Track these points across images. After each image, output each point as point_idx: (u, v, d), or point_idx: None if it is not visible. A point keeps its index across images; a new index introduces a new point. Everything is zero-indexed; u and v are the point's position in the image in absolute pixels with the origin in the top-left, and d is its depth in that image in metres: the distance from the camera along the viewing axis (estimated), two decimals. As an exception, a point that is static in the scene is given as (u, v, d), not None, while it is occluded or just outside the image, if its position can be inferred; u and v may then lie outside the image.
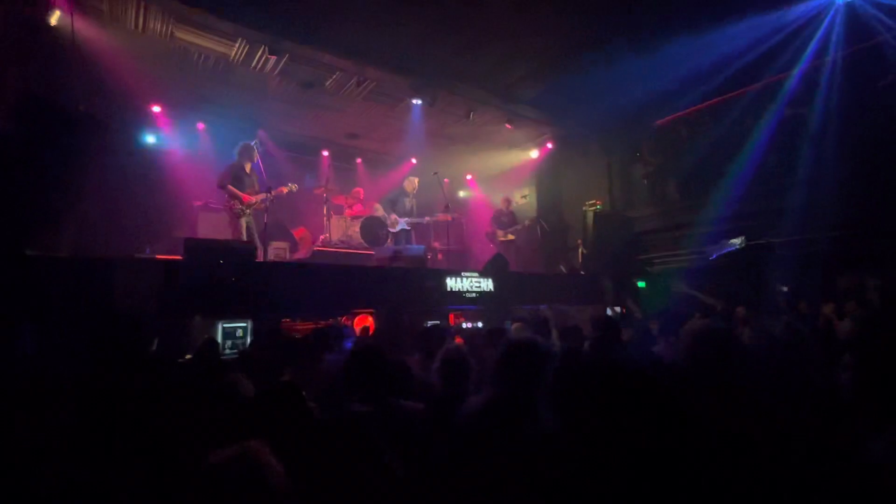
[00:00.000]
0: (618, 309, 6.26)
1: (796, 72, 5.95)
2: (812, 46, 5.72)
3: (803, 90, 5.89)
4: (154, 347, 3.07)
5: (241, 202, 5.71)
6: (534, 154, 9.14)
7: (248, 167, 5.90)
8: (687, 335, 1.85)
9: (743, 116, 6.51)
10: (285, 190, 6.14)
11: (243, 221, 5.75)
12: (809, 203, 5.52)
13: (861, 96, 5.33)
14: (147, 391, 1.95)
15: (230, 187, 5.69)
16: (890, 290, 4.06)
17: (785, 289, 5.56)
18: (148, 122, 7.11)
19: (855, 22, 5.34)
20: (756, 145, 6.27)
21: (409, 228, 7.21)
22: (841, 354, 2.41)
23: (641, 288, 6.88)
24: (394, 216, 7.17)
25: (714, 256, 6.26)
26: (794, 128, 5.92)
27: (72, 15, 4.88)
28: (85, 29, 5.15)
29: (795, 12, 5.49)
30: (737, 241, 6.03)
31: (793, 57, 5.87)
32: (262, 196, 5.78)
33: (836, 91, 5.56)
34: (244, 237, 5.69)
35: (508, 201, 8.68)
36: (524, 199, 9.61)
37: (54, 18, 4.90)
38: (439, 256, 8.06)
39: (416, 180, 7.46)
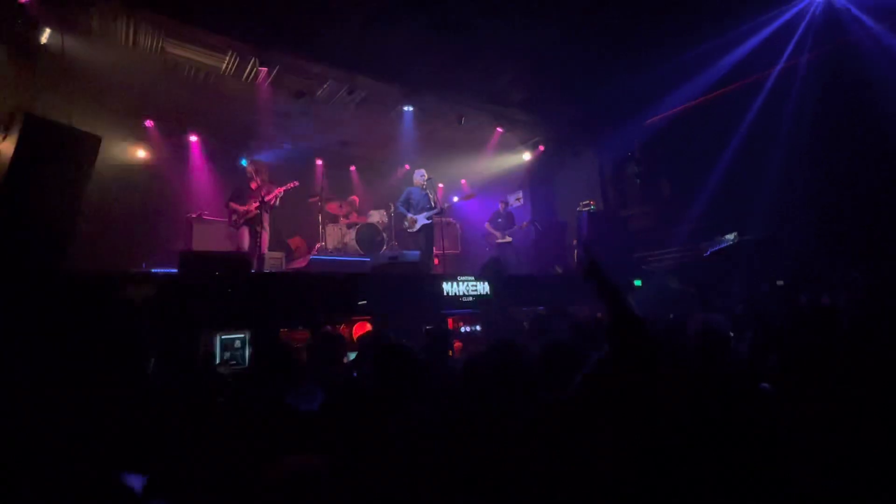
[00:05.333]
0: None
1: (783, 67, 6.02)
2: (798, 42, 5.79)
3: (791, 85, 5.96)
4: (152, 362, 3.07)
5: (237, 213, 6.09)
6: (526, 156, 9.18)
7: (254, 185, 6.16)
8: None
9: (732, 113, 6.57)
10: (282, 190, 6.27)
11: (245, 231, 6.00)
12: (800, 197, 5.58)
13: (845, 90, 5.40)
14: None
15: (230, 204, 6.16)
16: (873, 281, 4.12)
17: (781, 282, 5.60)
18: (140, 136, 7.12)
19: (836, 19, 5.41)
20: (746, 141, 6.34)
21: (429, 222, 6.66)
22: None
23: (637, 286, 6.91)
24: (411, 215, 6.67)
25: (708, 253, 6.30)
26: (784, 122, 5.98)
27: (62, 33, 4.90)
28: (75, 46, 5.17)
29: (777, 10, 5.57)
30: (730, 237, 6.07)
31: (779, 53, 5.94)
32: (256, 203, 5.97)
33: (824, 85, 5.62)
34: (245, 247, 6.00)
35: (505, 203, 8.71)
36: (518, 201, 9.66)
37: (45, 37, 4.91)
38: (435, 261, 8.08)
39: (424, 172, 6.89)
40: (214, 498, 1.39)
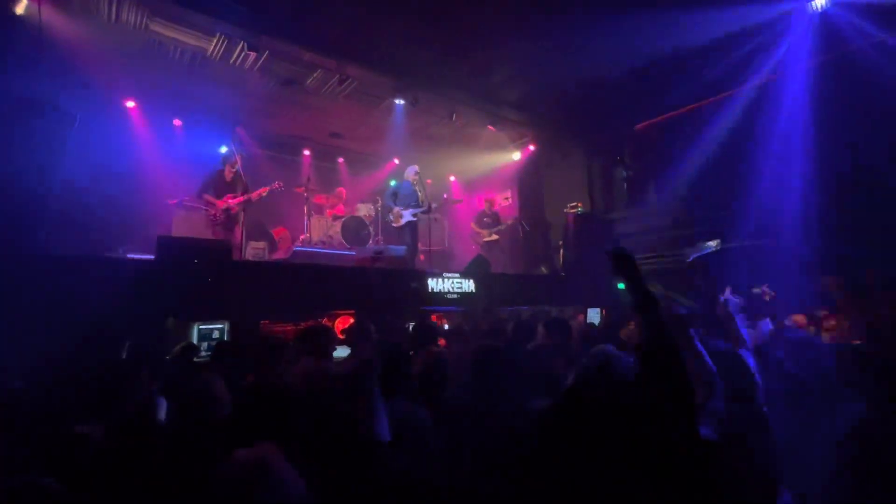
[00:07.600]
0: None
1: (772, 78, 6.12)
2: (788, 53, 5.88)
3: (779, 96, 6.05)
4: (125, 351, 2.96)
5: (216, 208, 5.78)
6: (516, 156, 9.19)
7: (228, 175, 5.92)
8: None
9: (720, 121, 6.66)
10: (265, 191, 6.08)
11: (221, 224, 5.80)
12: (783, 206, 5.69)
13: (835, 102, 5.50)
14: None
15: (205, 196, 5.83)
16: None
17: (757, 290, 5.70)
18: (121, 117, 6.88)
19: (829, 29, 5.50)
20: (733, 149, 6.43)
21: (415, 220, 6.62)
22: None
23: (620, 289, 6.96)
24: (397, 209, 6.60)
25: (691, 258, 6.39)
26: (770, 132, 6.09)
27: (39, 3, 4.68)
28: (54, 18, 4.95)
29: (770, 18, 5.64)
30: (713, 244, 6.18)
31: (768, 63, 6.03)
32: (241, 199, 5.78)
33: (812, 96, 5.72)
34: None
35: (492, 202, 8.69)
36: (506, 200, 9.67)
37: (20, 7, 4.69)
38: (421, 257, 8.03)
39: (417, 168, 6.86)
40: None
